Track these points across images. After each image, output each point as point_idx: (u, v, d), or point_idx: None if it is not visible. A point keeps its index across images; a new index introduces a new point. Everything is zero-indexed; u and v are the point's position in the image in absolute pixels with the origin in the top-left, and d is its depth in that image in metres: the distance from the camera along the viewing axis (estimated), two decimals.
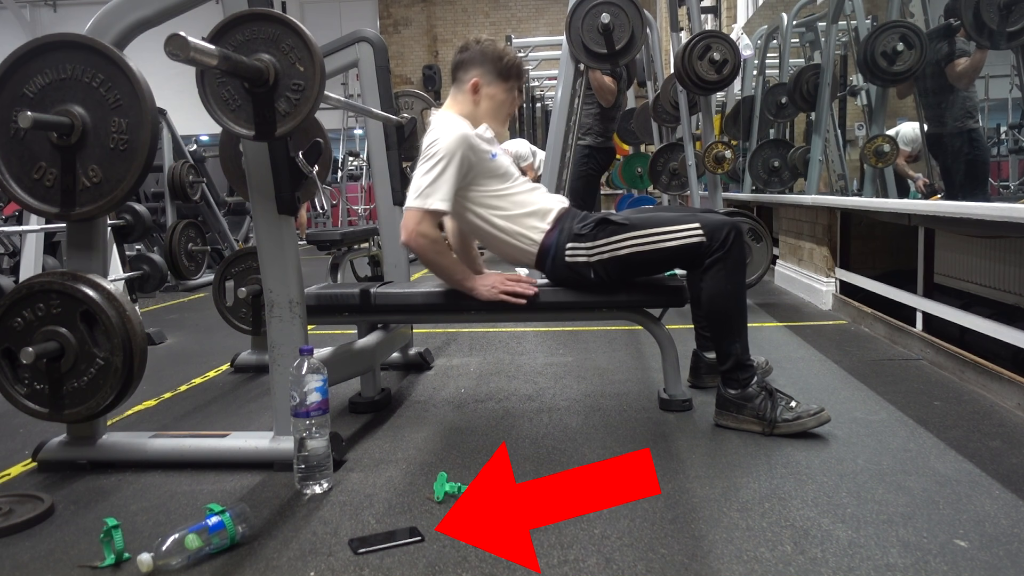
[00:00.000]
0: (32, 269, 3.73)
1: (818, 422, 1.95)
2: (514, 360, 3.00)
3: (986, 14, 2.79)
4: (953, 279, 3.28)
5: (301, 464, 1.73)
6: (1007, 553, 1.37)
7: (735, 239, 1.99)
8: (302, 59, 1.67)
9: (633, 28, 3.13)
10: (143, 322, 1.89)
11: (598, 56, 3.21)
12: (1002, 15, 2.74)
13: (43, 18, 14.47)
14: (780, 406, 1.98)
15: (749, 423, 2.01)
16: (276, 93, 1.69)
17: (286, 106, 1.69)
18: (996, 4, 2.74)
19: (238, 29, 1.70)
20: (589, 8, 3.12)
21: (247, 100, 1.70)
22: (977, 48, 3.06)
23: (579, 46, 3.18)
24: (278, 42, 1.68)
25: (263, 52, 1.68)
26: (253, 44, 1.69)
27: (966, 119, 3.33)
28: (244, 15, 1.69)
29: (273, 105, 1.69)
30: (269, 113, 1.69)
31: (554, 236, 2.14)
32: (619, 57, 3.22)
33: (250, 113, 1.70)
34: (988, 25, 2.81)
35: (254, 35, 1.69)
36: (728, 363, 2.03)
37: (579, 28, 3.16)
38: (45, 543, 1.53)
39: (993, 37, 2.87)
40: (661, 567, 1.35)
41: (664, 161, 5.53)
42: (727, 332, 2.03)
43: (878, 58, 3.49)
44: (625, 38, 3.15)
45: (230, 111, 1.71)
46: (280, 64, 1.68)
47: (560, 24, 3.99)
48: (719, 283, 1.99)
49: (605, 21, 3.08)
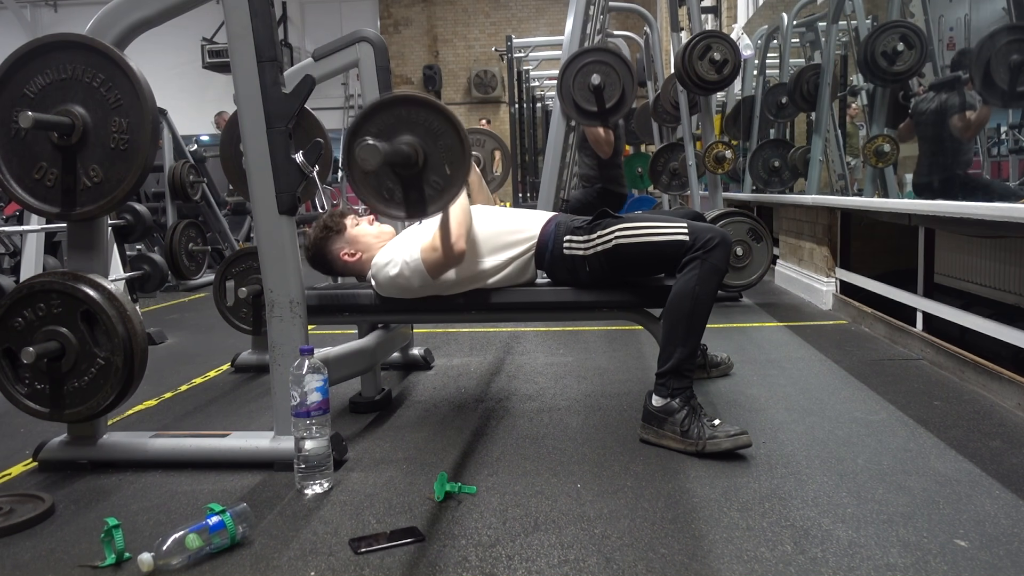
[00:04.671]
0: (33, 269, 3.73)
1: (735, 444, 1.85)
2: (514, 360, 3.00)
3: (996, 73, 2.72)
4: (953, 279, 3.28)
5: (302, 464, 1.73)
6: (1007, 553, 1.37)
7: (717, 246, 1.93)
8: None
9: (624, 86, 3.13)
10: (144, 322, 1.89)
11: (589, 114, 3.20)
12: (1012, 74, 2.67)
13: (43, 18, 14.44)
14: (703, 423, 1.89)
15: (669, 439, 1.92)
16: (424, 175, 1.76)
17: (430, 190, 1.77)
18: (1007, 63, 2.68)
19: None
20: (580, 67, 3.12)
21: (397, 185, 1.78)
22: (983, 103, 3.04)
23: (570, 104, 3.18)
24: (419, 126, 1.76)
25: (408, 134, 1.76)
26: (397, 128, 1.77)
27: (965, 167, 3.32)
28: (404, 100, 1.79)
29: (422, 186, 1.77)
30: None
31: (551, 227, 2.14)
32: (610, 115, 3.22)
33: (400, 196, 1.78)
34: (999, 85, 2.75)
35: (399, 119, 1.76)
36: (667, 366, 1.95)
37: (570, 86, 3.15)
38: (46, 543, 1.54)
39: (1004, 97, 2.82)
40: (661, 567, 1.36)
41: (664, 161, 5.53)
42: (678, 334, 1.94)
43: (878, 58, 3.49)
44: (616, 96, 3.14)
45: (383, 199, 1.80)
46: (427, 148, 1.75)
47: (560, 24, 4.00)
48: (688, 283, 1.93)
49: (595, 82, 3.08)
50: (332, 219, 2.23)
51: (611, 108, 3.16)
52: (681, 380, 1.95)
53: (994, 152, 3.40)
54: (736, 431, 1.87)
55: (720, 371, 2.65)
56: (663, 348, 1.98)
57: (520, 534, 1.50)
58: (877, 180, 3.79)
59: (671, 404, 1.93)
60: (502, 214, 2.26)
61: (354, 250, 2.21)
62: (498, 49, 8.47)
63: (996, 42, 2.74)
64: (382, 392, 2.43)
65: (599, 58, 3.11)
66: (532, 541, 1.47)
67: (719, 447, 1.85)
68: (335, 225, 2.22)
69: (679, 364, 1.94)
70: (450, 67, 14.11)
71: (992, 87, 2.81)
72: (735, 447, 1.85)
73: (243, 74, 1.81)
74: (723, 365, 2.65)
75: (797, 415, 2.19)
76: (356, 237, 2.22)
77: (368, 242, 2.21)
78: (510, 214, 2.25)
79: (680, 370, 1.94)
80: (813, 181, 4.32)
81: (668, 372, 1.95)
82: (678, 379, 1.94)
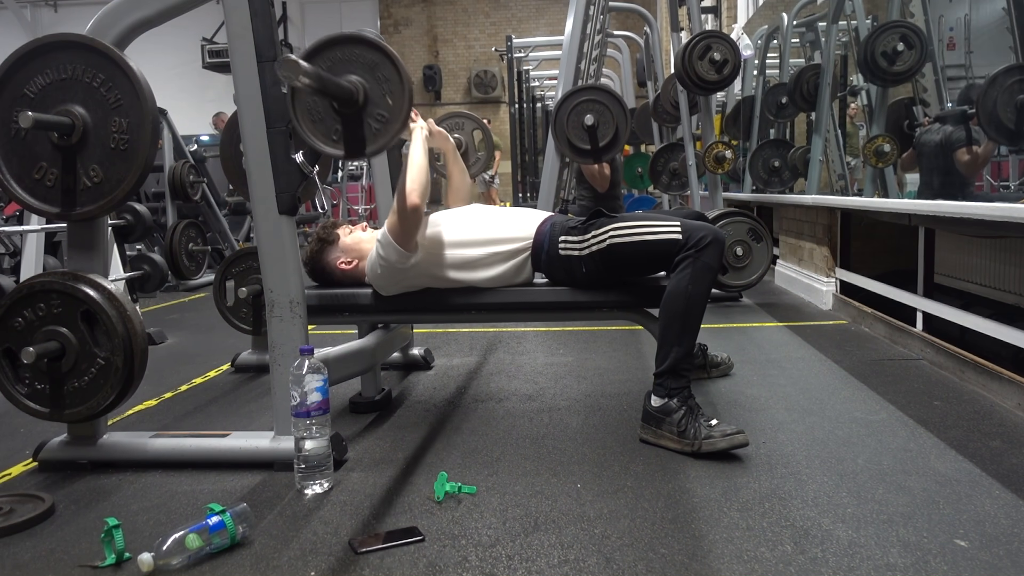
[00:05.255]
0: (33, 269, 3.73)
1: (731, 444, 1.84)
2: (514, 360, 3.00)
3: (1003, 112, 2.71)
4: (953, 279, 3.28)
5: (302, 464, 1.73)
6: (1007, 553, 1.37)
7: (709, 245, 1.92)
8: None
9: (617, 125, 3.14)
10: (143, 322, 1.89)
11: (582, 152, 3.21)
12: (1020, 115, 2.66)
13: (44, 18, 14.46)
14: (699, 423, 1.89)
15: (666, 439, 1.92)
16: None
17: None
18: (1015, 104, 2.67)
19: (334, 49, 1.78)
20: (574, 106, 3.13)
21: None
22: (988, 139, 3.03)
23: (564, 142, 3.19)
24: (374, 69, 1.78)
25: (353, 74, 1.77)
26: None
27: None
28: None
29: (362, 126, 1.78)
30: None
31: (546, 228, 2.14)
32: (603, 154, 3.23)
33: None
34: (1005, 125, 2.74)
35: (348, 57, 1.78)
36: (664, 366, 1.94)
37: (564, 124, 3.17)
38: (46, 543, 1.54)
39: (1011, 136, 2.82)
40: (661, 567, 1.36)
41: (664, 161, 5.54)
42: (673, 334, 1.93)
43: (878, 58, 3.49)
44: (609, 135, 3.15)
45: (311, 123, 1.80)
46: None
47: (560, 24, 4.00)
48: (681, 282, 1.92)
49: (589, 123, 3.09)
50: (325, 231, 2.26)
51: (604, 147, 3.19)
52: (678, 380, 1.95)
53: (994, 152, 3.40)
54: (732, 431, 1.87)
55: (720, 371, 2.65)
56: (659, 348, 1.98)
57: (520, 534, 1.50)
58: (877, 180, 3.79)
59: (669, 404, 1.93)
60: (497, 213, 2.28)
61: (350, 258, 2.23)
62: (498, 49, 8.47)
63: (1005, 81, 2.74)
64: (382, 392, 2.43)
65: (593, 97, 3.13)
66: (532, 541, 1.47)
67: (715, 447, 1.85)
68: (328, 236, 2.25)
69: (675, 364, 1.94)
70: (450, 67, 14.12)
71: (999, 126, 2.80)
72: (731, 447, 1.85)
73: (243, 74, 1.81)
74: (723, 365, 2.66)
75: (797, 415, 2.19)
76: (350, 246, 2.24)
77: (363, 249, 2.23)
78: (505, 214, 2.26)
79: (677, 370, 1.94)
80: (813, 181, 4.32)
81: (665, 372, 1.95)
82: (675, 379, 1.94)
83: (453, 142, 2.44)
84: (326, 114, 1.80)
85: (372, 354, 2.31)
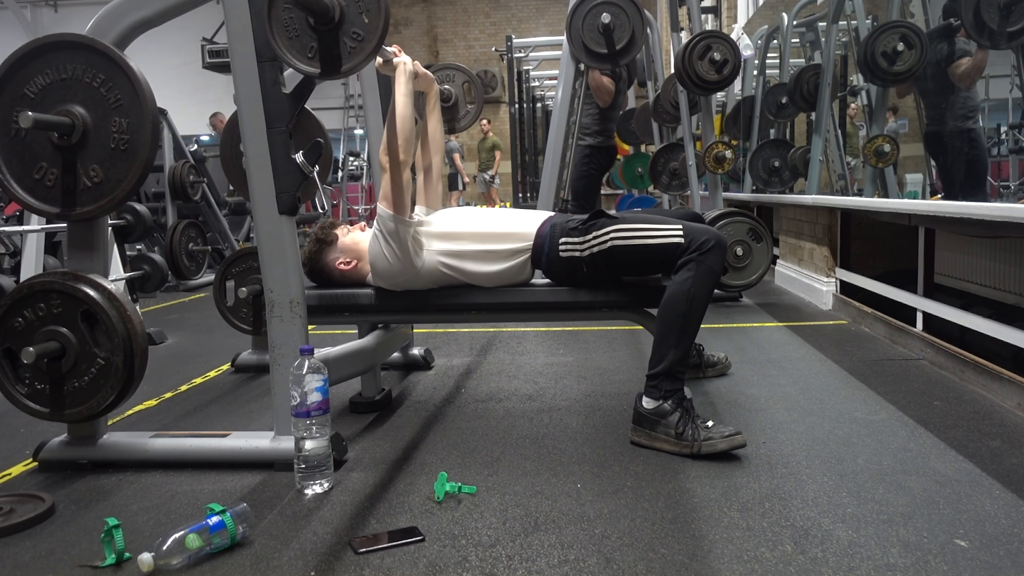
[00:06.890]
0: (33, 269, 3.73)
1: (730, 445, 1.84)
2: (514, 360, 3.00)
3: (986, 14, 2.76)
4: (953, 279, 3.28)
5: (302, 464, 1.73)
6: (1007, 553, 1.37)
7: (712, 248, 1.92)
8: None
9: (634, 28, 3.14)
10: (144, 322, 1.89)
11: (599, 56, 3.21)
12: (1002, 15, 2.71)
13: (44, 18, 14.46)
14: (696, 425, 1.88)
15: (662, 442, 1.91)
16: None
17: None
18: (996, 4, 2.71)
19: None
20: (590, 8, 3.13)
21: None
22: (978, 48, 3.05)
23: (579, 46, 3.19)
24: None
25: None
26: None
27: (966, 119, 3.32)
28: None
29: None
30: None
31: (547, 229, 2.14)
32: (620, 57, 3.23)
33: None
34: (988, 25, 2.79)
35: None
36: (659, 367, 1.93)
37: (579, 28, 3.17)
38: (46, 543, 1.54)
39: (993, 37, 2.85)
40: (661, 567, 1.36)
41: (664, 161, 5.53)
42: (671, 336, 1.93)
43: (878, 58, 3.48)
44: (626, 38, 3.15)
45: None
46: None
47: (560, 24, 3.99)
48: (682, 284, 1.92)
49: (605, 21, 3.09)
50: (323, 231, 2.25)
51: (621, 50, 3.17)
52: (674, 382, 1.94)
53: (994, 152, 3.40)
54: (731, 431, 1.87)
55: (716, 371, 2.64)
56: (655, 349, 1.97)
57: (520, 534, 1.50)
58: (877, 180, 3.79)
59: (663, 406, 1.93)
60: (498, 213, 2.28)
61: (349, 258, 2.23)
62: (498, 49, 8.46)
63: None
64: (382, 392, 2.43)
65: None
66: (532, 541, 1.47)
67: (715, 448, 1.85)
68: (327, 237, 2.24)
69: (672, 366, 1.94)
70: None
71: (983, 29, 2.82)
72: (731, 447, 1.85)
73: (243, 74, 1.81)
74: (720, 365, 2.65)
75: (797, 415, 2.19)
76: (349, 246, 2.24)
77: (361, 249, 2.22)
78: (505, 215, 2.26)
79: (673, 372, 1.94)
80: (813, 181, 4.32)
81: (661, 374, 1.94)
82: (671, 381, 1.94)
83: (437, 88, 2.42)
84: (302, 31, 1.76)
85: (372, 354, 2.31)
